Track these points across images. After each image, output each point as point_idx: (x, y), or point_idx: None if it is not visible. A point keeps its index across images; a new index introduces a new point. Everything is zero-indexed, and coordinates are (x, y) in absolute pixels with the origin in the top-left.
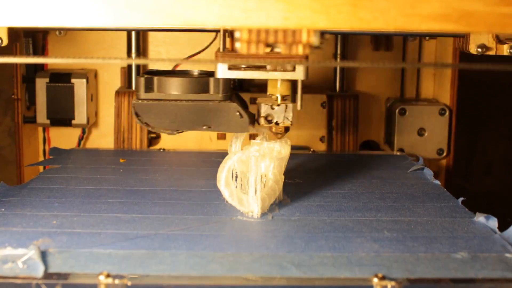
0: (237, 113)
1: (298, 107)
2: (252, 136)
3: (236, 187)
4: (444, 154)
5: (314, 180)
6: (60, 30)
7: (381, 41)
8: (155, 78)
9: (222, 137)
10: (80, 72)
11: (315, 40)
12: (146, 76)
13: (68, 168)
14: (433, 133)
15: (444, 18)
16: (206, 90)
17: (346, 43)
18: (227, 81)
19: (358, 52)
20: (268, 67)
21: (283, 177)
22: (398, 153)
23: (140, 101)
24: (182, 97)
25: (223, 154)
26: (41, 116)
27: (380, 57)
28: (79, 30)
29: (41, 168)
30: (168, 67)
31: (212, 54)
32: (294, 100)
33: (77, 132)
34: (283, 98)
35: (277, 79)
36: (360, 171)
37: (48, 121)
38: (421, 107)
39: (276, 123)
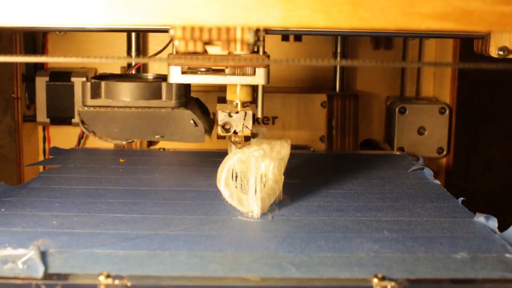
0: (192, 121)
1: (259, 114)
2: (252, 135)
3: (236, 187)
4: (444, 153)
5: (314, 180)
6: (58, 30)
7: (381, 40)
8: (103, 83)
9: (222, 136)
10: (80, 71)
11: (249, 37)
12: (92, 81)
13: (68, 168)
14: (433, 132)
15: (444, 17)
16: (158, 96)
17: (346, 41)
18: (181, 86)
19: (358, 51)
20: (226, 70)
21: (283, 177)
22: (398, 153)
23: (86, 108)
24: (132, 103)
25: (223, 154)
26: (41, 114)
27: (380, 56)
28: (77, 30)
29: (41, 167)
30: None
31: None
32: (256, 107)
33: (77, 130)
34: (243, 104)
35: (236, 84)
36: (360, 171)
37: (48, 120)
38: (421, 106)
39: (235, 132)
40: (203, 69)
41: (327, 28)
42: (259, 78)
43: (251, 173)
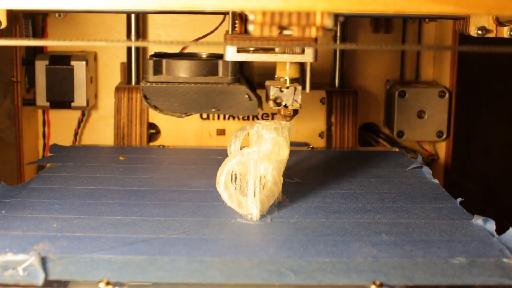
0: (246, 96)
1: (307, 90)
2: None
3: (235, 188)
4: (444, 136)
5: (313, 179)
6: (59, 12)
7: (381, 23)
8: (164, 61)
9: (221, 133)
10: (80, 54)
11: (329, 22)
12: (154, 58)
13: (68, 167)
14: (432, 116)
15: (443, 0)
16: (215, 72)
17: (345, 25)
18: (236, 63)
19: (358, 35)
20: (277, 49)
21: (282, 178)
22: (397, 149)
23: (148, 84)
24: (191, 79)
25: (222, 151)
26: (41, 98)
27: (380, 39)
28: (78, 12)
29: (40, 150)
30: (168, 49)
31: (216, 37)
32: (303, 83)
33: (77, 114)
34: (292, 80)
35: (285, 62)
36: (359, 169)
37: (47, 104)
38: (421, 90)
39: (285, 106)
40: (252, 48)
41: (326, 10)
42: (308, 56)
43: (250, 177)
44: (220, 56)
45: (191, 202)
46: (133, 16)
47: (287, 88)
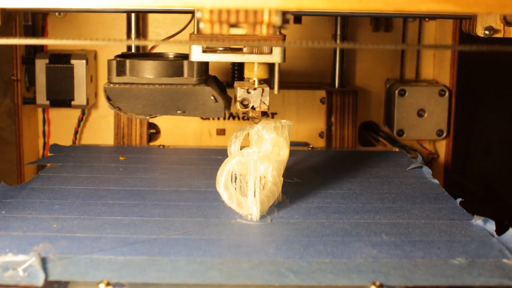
0: (212, 97)
1: (275, 91)
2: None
3: (235, 189)
4: (444, 135)
5: (313, 179)
6: (57, 11)
7: (381, 22)
8: (127, 61)
9: (221, 132)
10: (80, 53)
11: (277, 20)
12: (118, 59)
13: (68, 167)
14: (432, 114)
15: None
16: (180, 73)
17: (345, 24)
18: (202, 64)
19: (358, 33)
20: (244, 49)
21: (282, 179)
22: (397, 149)
23: (111, 85)
24: (155, 80)
25: (222, 151)
26: (41, 97)
27: (380, 38)
28: (76, 11)
29: (40, 149)
30: (168, 48)
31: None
32: (272, 84)
33: (77, 113)
34: (260, 81)
35: (253, 62)
36: (359, 169)
37: (47, 102)
38: (421, 88)
39: (252, 108)
40: (221, 48)
41: (327, 10)
42: (276, 56)
43: (250, 176)
44: (186, 57)
45: (191, 203)
46: (133, 15)
47: (255, 89)
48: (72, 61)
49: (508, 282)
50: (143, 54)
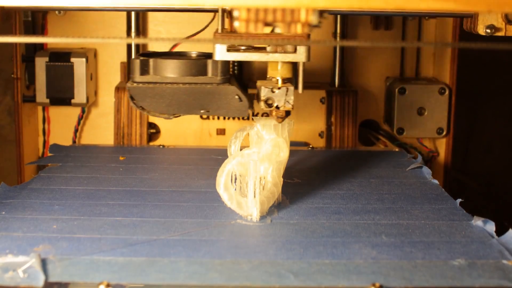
0: (236, 97)
1: (300, 91)
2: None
3: (235, 189)
4: (444, 133)
5: (313, 179)
6: (57, 10)
7: (381, 20)
8: (151, 60)
9: (221, 132)
10: (80, 51)
11: (313, 19)
12: (141, 58)
13: (68, 167)
14: (433, 112)
15: None
16: (204, 72)
17: (345, 22)
18: (226, 63)
19: (358, 31)
20: (268, 48)
21: (282, 179)
22: (397, 149)
23: (135, 84)
24: (179, 80)
25: (222, 151)
26: (41, 95)
27: (380, 36)
28: (76, 10)
29: (40, 147)
30: (167, 46)
31: (211, 35)
32: (295, 84)
33: (77, 111)
34: (284, 81)
35: (277, 61)
36: (359, 169)
37: (47, 100)
38: (421, 86)
39: (277, 107)
40: (243, 47)
41: (326, 8)
42: (300, 55)
43: (250, 177)
44: (210, 56)
45: (191, 203)
46: (133, 13)
47: (279, 88)
48: (72, 59)
49: (508, 284)
50: (165, 53)
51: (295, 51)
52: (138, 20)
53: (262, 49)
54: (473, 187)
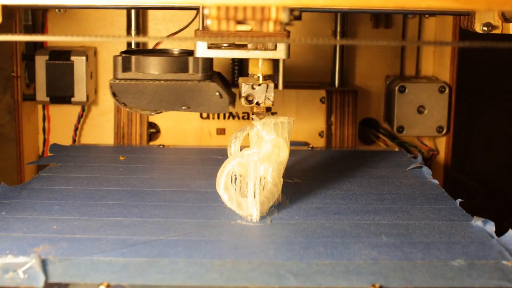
0: (217, 93)
1: (280, 87)
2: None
3: (235, 190)
4: (444, 131)
5: (313, 179)
6: (57, 8)
7: (381, 18)
8: (133, 57)
9: (221, 132)
10: (80, 49)
11: (284, 16)
12: (123, 55)
13: (68, 167)
14: (432, 111)
15: None
16: (185, 69)
17: (345, 20)
18: (207, 60)
19: (358, 30)
20: (249, 46)
21: (282, 180)
22: (397, 149)
23: (117, 81)
24: (160, 76)
25: (222, 151)
26: (41, 93)
27: (380, 34)
28: (76, 8)
29: (40, 146)
30: (167, 45)
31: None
32: (276, 81)
33: (77, 109)
34: (265, 77)
35: (258, 58)
36: (358, 169)
37: (47, 99)
38: (421, 85)
39: (257, 103)
40: (225, 45)
41: (327, 6)
42: (280, 52)
43: (250, 177)
44: (191, 53)
45: (191, 203)
46: (133, 11)
47: (259, 85)
48: (72, 58)
49: (508, 284)
50: (148, 50)
51: (275, 48)
52: (138, 19)
53: (243, 46)
54: (472, 186)
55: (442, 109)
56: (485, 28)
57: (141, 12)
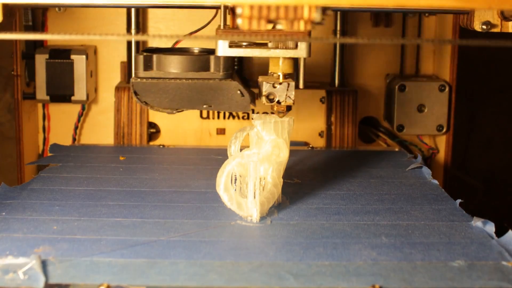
0: (238, 92)
1: (301, 86)
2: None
3: (235, 190)
4: (444, 130)
5: (313, 179)
6: (57, 6)
7: (381, 17)
8: (154, 56)
9: (221, 132)
10: (80, 48)
11: (316, 16)
12: (145, 54)
13: (68, 167)
14: (432, 109)
15: None
16: (206, 68)
17: (345, 19)
18: (228, 59)
19: (358, 28)
20: (270, 44)
21: (281, 180)
22: (397, 149)
23: (139, 80)
24: (182, 75)
25: (222, 151)
26: (41, 92)
27: (380, 33)
28: (76, 7)
29: (40, 144)
30: (168, 43)
31: (213, 32)
32: (296, 79)
33: (77, 108)
34: (285, 76)
35: (278, 57)
36: (358, 169)
37: (47, 97)
38: (421, 83)
39: (278, 102)
40: (245, 43)
41: (327, 5)
42: (301, 51)
43: (250, 178)
44: (212, 51)
45: (191, 204)
46: (133, 10)
47: (280, 84)
48: (72, 56)
49: (508, 285)
50: (168, 49)
51: (296, 47)
52: (138, 17)
53: (263, 45)
54: (472, 184)
55: (442, 107)
56: (484, 27)
57: (141, 10)
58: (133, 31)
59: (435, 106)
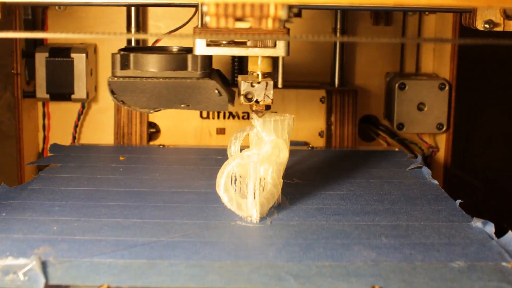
0: (216, 91)
1: (279, 85)
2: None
3: (235, 190)
4: (444, 128)
5: (313, 179)
6: (57, 5)
7: (381, 16)
8: (131, 55)
9: (221, 132)
10: (80, 46)
11: (283, 13)
12: (122, 53)
13: (68, 167)
14: (432, 108)
15: None
16: (184, 67)
17: (345, 18)
18: (206, 57)
19: (358, 27)
20: (248, 43)
21: (281, 180)
22: (397, 149)
23: (115, 79)
24: (159, 74)
25: (222, 151)
26: (41, 90)
27: (380, 32)
28: (76, 5)
29: (40, 143)
30: (168, 42)
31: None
32: (276, 78)
33: (77, 106)
34: (264, 75)
35: (257, 56)
36: (358, 169)
37: (47, 96)
38: (421, 82)
39: (256, 101)
40: (224, 42)
41: (327, 4)
42: (279, 50)
43: (250, 178)
44: (190, 51)
45: (191, 204)
46: (133, 8)
47: (259, 83)
48: (72, 55)
49: (507, 286)
50: (146, 48)
51: (275, 45)
52: (138, 16)
53: (242, 44)
54: (472, 183)
55: (442, 106)
56: (486, 26)
57: (141, 9)
58: (133, 29)
59: (435, 105)
